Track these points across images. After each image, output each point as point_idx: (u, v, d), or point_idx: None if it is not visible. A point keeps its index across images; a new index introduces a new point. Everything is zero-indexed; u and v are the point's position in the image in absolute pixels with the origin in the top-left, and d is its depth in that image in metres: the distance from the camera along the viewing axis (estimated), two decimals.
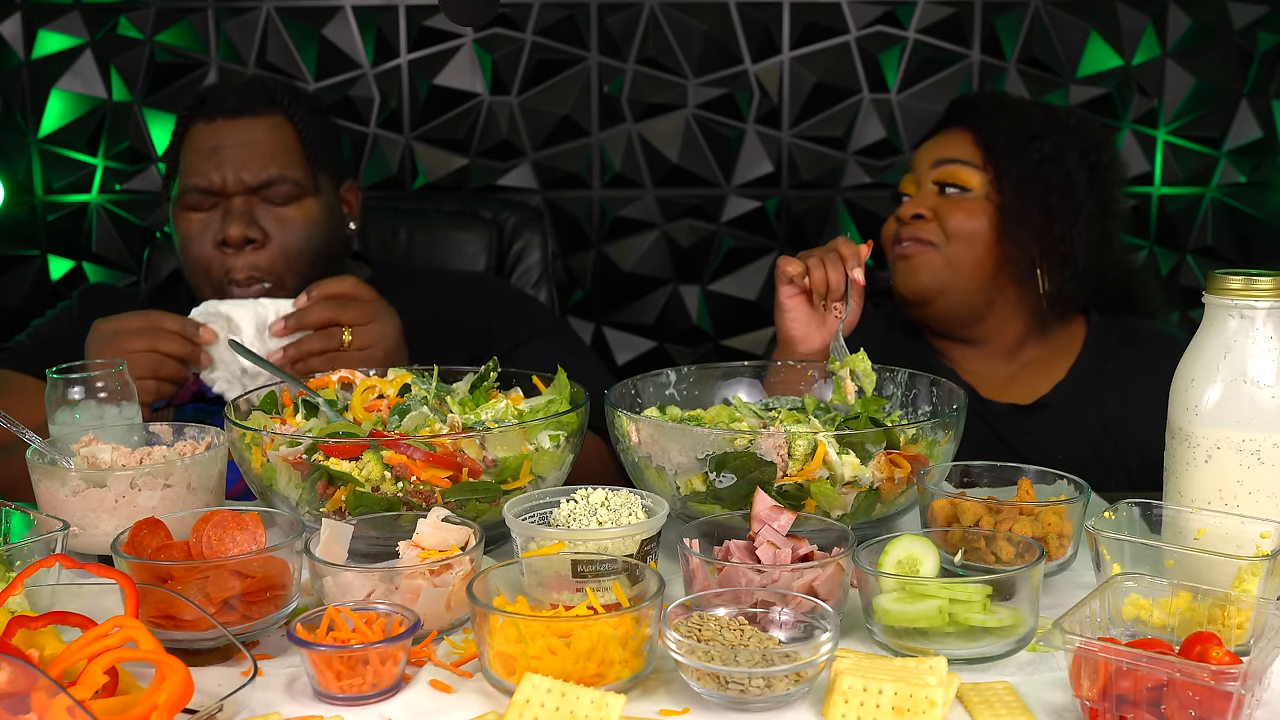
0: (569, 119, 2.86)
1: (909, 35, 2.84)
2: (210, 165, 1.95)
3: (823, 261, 1.67)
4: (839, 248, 1.69)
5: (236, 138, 1.96)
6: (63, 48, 2.80)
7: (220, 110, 1.98)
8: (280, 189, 1.96)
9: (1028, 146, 1.93)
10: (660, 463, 1.39)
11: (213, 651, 1.15)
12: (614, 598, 1.15)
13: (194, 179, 1.96)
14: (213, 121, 1.98)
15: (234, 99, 2.00)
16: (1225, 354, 1.22)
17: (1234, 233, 2.91)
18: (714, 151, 2.88)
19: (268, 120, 1.99)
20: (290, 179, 1.97)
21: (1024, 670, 1.13)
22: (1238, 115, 2.86)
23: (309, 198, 2.00)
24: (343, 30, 2.81)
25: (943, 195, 1.94)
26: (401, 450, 1.33)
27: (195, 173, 1.96)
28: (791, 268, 1.67)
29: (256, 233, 1.94)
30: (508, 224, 2.46)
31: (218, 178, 1.94)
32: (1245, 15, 2.82)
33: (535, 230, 2.47)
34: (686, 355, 2.97)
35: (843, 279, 1.67)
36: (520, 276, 2.44)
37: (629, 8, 2.82)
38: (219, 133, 1.97)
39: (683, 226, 2.92)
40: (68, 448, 1.42)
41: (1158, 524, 1.27)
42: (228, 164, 1.95)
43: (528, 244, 2.45)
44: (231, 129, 1.97)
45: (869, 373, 1.56)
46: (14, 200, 2.85)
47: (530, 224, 2.47)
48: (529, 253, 2.45)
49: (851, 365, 1.57)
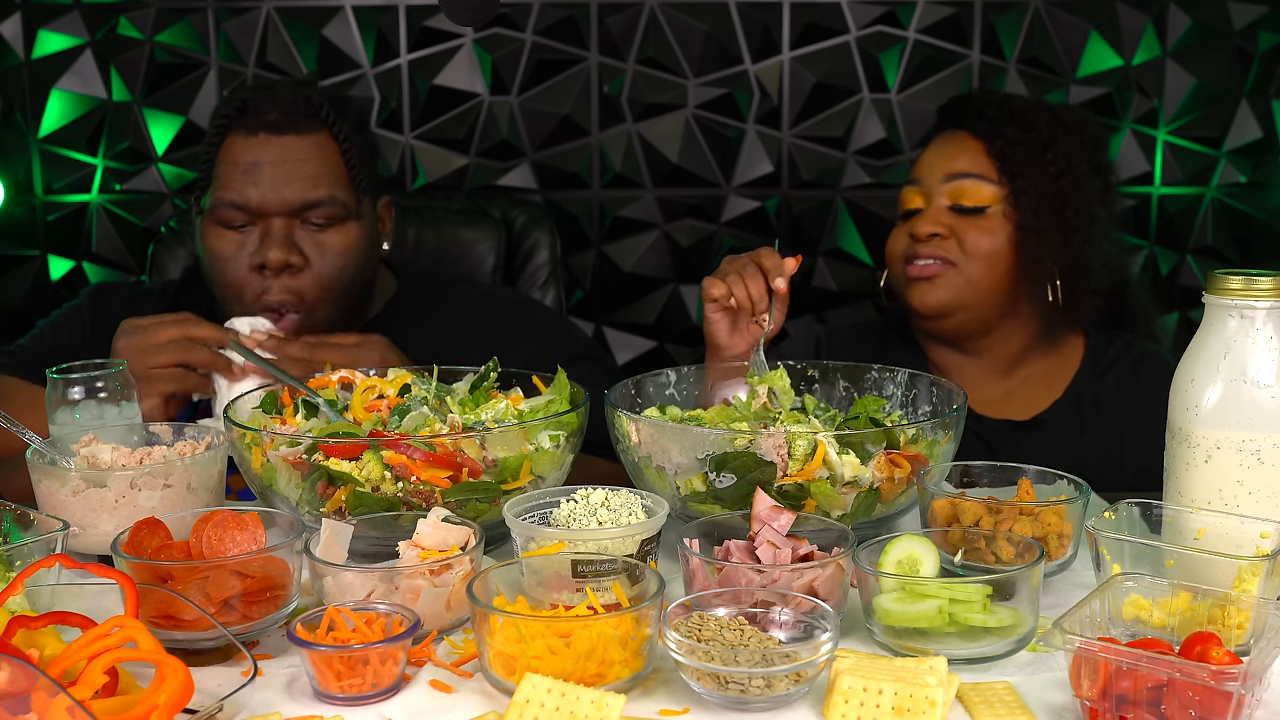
0: (569, 119, 2.86)
1: (909, 35, 2.84)
2: (248, 182, 1.85)
3: (743, 278, 1.64)
4: (761, 259, 1.65)
5: (279, 155, 1.86)
6: (63, 48, 2.80)
7: (262, 124, 1.87)
8: (323, 211, 1.87)
9: (1041, 159, 1.89)
10: (660, 463, 1.39)
11: (213, 651, 1.15)
12: (614, 598, 1.15)
13: (230, 194, 1.86)
14: (254, 136, 1.87)
15: (277, 112, 1.88)
16: (1225, 354, 1.22)
17: (1234, 233, 2.91)
18: (714, 151, 2.88)
19: (313, 139, 1.88)
20: (335, 201, 1.88)
21: (1024, 670, 1.13)
22: (1238, 115, 2.86)
23: (351, 221, 1.91)
24: (343, 30, 2.81)
25: (957, 211, 1.90)
26: (401, 450, 1.33)
27: (232, 188, 1.86)
28: (716, 290, 1.64)
29: (297, 258, 1.85)
30: (516, 223, 2.45)
31: (256, 196, 1.85)
32: (1245, 15, 2.82)
33: (544, 229, 2.45)
34: (686, 355, 2.97)
35: (764, 292, 1.64)
36: (529, 276, 2.43)
37: (629, 8, 2.82)
38: (260, 148, 1.86)
39: (683, 226, 2.92)
40: (68, 448, 1.42)
41: (1158, 524, 1.27)
42: (268, 182, 1.85)
43: (536, 243, 2.44)
44: (274, 145, 1.86)
45: (786, 390, 1.55)
46: (14, 200, 2.85)
47: (539, 223, 2.46)
48: (538, 252, 2.44)
49: (769, 382, 1.56)
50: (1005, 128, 1.90)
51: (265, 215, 1.86)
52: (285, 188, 1.85)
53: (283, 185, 1.85)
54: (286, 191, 1.85)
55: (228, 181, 1.87)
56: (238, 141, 1.88)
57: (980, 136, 1.91)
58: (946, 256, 1.89)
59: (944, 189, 1.90)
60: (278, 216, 1.86)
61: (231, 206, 1.86)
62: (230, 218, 1.87)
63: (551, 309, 2.34)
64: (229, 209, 1.87)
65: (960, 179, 1.89)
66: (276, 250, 1.84)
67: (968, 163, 1.90)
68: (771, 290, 1.64)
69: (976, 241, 1.88)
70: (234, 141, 1.88)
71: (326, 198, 1.87)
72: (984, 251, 1.88)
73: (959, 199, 1.89)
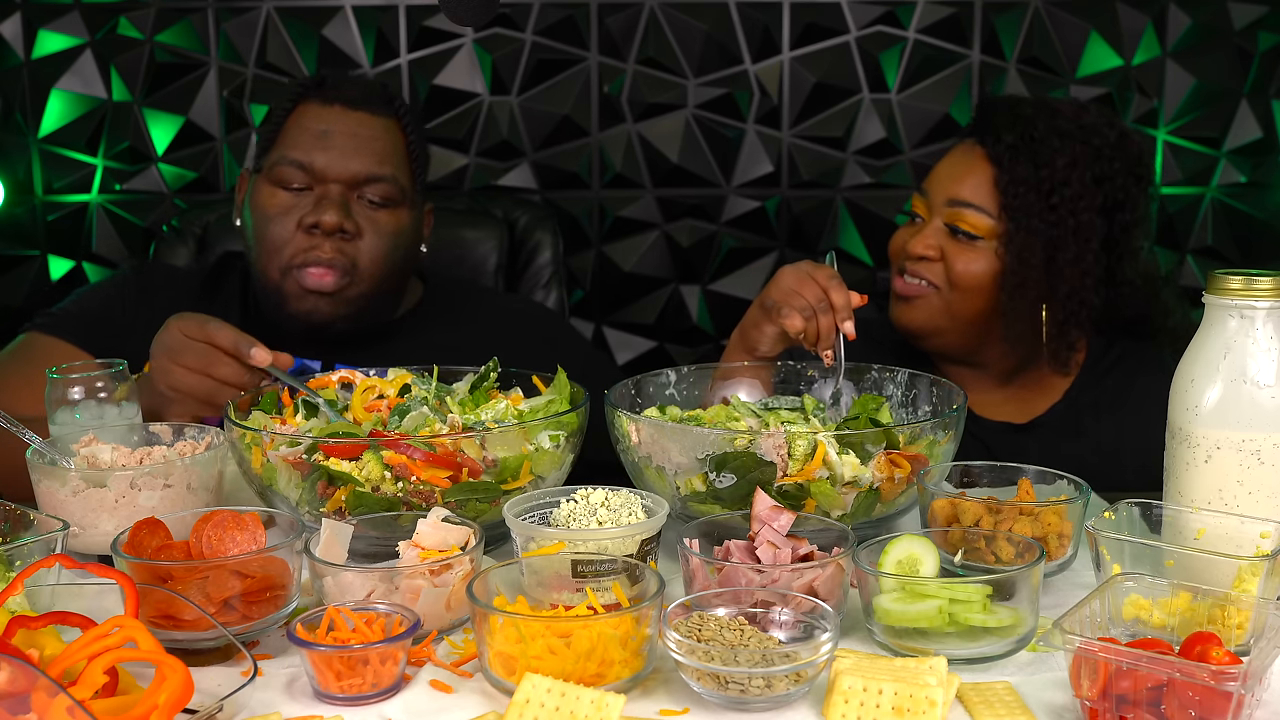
0: (569, 119, 2.86)
1: (909, 35, 2.84)
2: (317, 146, 1.88)
3: (817, 315, 1.61)
4: (832, 296, 1.62)
5: (351, 127, 1.90)
6: (63, 48, 2.80)
7: (339, 97, 1.92)
8: (381, 188, 1.90)
9: (1049, 199, 1.84)
10: (660, 463, 1.39)
11: (213, 651, 1.15)
12: (614, 598, 1.15)
13: (297, 154, 1.88)
14: (330, 106, 1.91)
15: (354, 90, 1.94)
16: (1225, 354, 1.22)
17: (1234, 233, 2.91)
18: (714, 151, 2.88)
19: (384, 121, 1.93)
20: (395, 182, 1.91)
21: (1024, 670, 1.13)
22: (1238, 115, 2.86)
23: (404, 207, 1.94)
24: (343, 30, 2.81)
25: (953, 236, 1.88)
26: (401, 450, 1.33)
27: (299, 149, 1.88)
28: (795, 325, 1.60)
29: (351, 225, 1.87)
30: (519, 223, 2.45)
31: (322, 161, 1.88)
32: (1245, 15, 2.82)
33: (546, 229, 2.45)
34: (686, 355, 2.97)
35: (832, 329, 1.62)
36: (531, 276, 2.42)
37: (629, 8, 2.82)
38: (334, 117, 1.90)
39: (683, 226, 2.92)
40: (68, 448, 1.42)
41: (1158, 524, 1.27)
42: (336, 149, 1.88)
43: (539, 243, 2.44)
44: (348, 118, 1.91)
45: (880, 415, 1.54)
46: (14, 200, 2.85)
47: (541, 223, 2.46)
48: (540, 252, 2.43)
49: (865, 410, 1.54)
50: (1018, 162, 1.85)
51: (325, 181, 1.88)
52: (352, 158, 1.88)
53: (350, 156, 1.88)
54: (353, 162, 1.88)
55: (296, 143, 1.90)
56: (311, 109, 1.92)
57: (993, 162, 1.87)
58: (931, 279, 1.88)
59: (945, 210, 1.89)
60: (337, 184, 1.88)
61: (295, 165, 1.88)
62: (290, 176, 1.89)
63: (582, 337, 2.32)
64: (291, 167, 1.89)
65: (961, 206, 1.87)
66: (333, 213, 1.86)
67: (971, 191, 1.87)
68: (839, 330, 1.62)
69: (965, 269, 1.86)
70: (307, 108, 1.93)
71: (389, 175, 1.91)
72: (968, 282, 1.86)
73: (956, 222, 1.87)
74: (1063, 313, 1.87)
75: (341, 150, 1.88)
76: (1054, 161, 1.85)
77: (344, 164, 1.88)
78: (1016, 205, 1.84)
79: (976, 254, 1.87)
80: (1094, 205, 1.86)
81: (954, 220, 1.88)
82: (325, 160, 1.88)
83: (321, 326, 1.91)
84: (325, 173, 1.88)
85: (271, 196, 1.90)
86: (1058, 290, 1.86)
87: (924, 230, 1.91)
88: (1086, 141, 1.87)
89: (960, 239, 1.87)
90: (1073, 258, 1.85)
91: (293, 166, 1.88)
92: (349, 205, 1.89)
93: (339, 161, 1.88)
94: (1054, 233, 1.84)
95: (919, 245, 1.89)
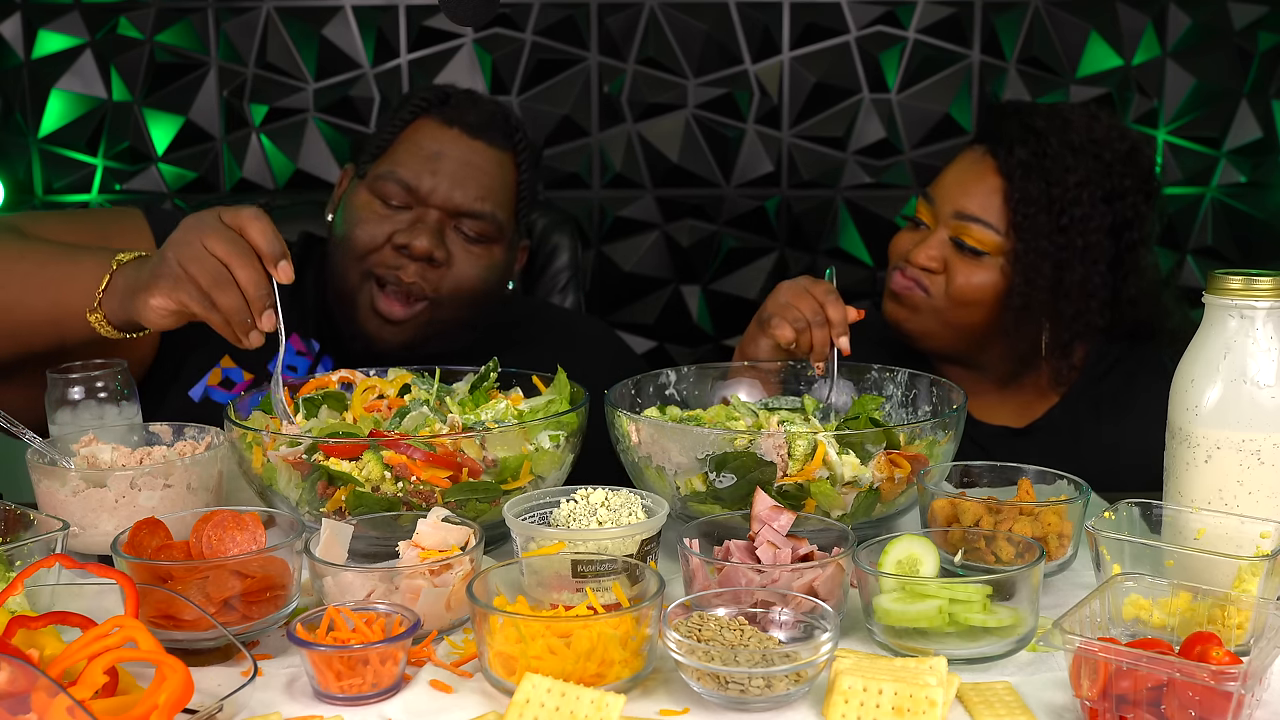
0: (569, 119, 2.86)
1: (909, 35, 2.84)
2: (426, 169, 1.82)
3: (811, 329, 1.61)
4: (829, 310, 1.61)
5: (464, 154, 1.84)
6: (63, 48, 2.80)
7: (460, 120, 1.86)
8: (479, 225, 1.84)
9: (1060, 219, 1.82)
10: (660, 463, 1.39)
11: (213, 651, 1.15)
12: (614, 598, 1.15)
13: (403, 171, 1.83)
14: (448, 128, 1.85)
15: (477, 116, 1.87)
16: (1225, 354, 1.22)
17: (1234, 233, 2.91)
18: (714, 151, 2.88)
19: (499, 155, 1.87)
20: (495, 220, 1.85)
21: (1024, 670, 1.13)
22: (1238, 115, 2.87)
23: (499, 244, 1.88)
24: (343, 30, 2.81)
25: (958, 250, 1.85)
26: (401, 450, 1.33)
27: (407, 167, 1.83)
28: (785, 335, 1.60)
29: (442, 253, 1.81)
30: (537, 225, 2.43)
31: (429, 184, 1.82)
32: (1245, 15, 2.82)
33: (564, 233, 2.42)
34: (686, 355, 2.97)
35: (826, 343, 1.61)
36: (549, 279, 2.40)
37: (629, 8, 2.82)
38: (451, 142, 1.84)
39: (683, 226, 2.92)
40: (68, 448, 1.42)
41: (1158, 524, 1.26)
42: (445, 175, 1.82)
43: (556, 246, 2.40)
44: (464, 145, 1.84)
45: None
46: (14, 200, 2.85)
47: (560, 226, 2.41)
48: (558, 255, 2.40)
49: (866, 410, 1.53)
50: (1030, 179, 1.82)
51: (426, 204, 1.83)
52: (458, 188, 1.83)
53: (457, 184, 1.83)
54: (458, 192, 1.83)
55: (405, 160, 1.84)
56: (428, 126, 1.86)
57: (1003, 174, 1.84)
58: (928, 286, 1.86)
59: (951, 222, 1.86)
60: (437, 210, 1.83)
61: (399, 183, 1.83)
62: (391, 192, 1.84)
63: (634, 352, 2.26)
64: (394, 184, 1.83)
65: (967, 220, 1.85)
66: (427, 239, 1.80)
67: (979, 205, 1.84)
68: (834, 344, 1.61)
69: (966, 282, 1.84)
70: (424, 125, 1.87)
71: (489, 213, 1.85)
72: (969, 296, 1.84)
73: (961, 235, 1.85)
74: (1067, 333, 1.86)
75: (450, 177, 1.83)
76: (1066, 180, 1.82)
77: (448, 192, 1.82)
78: (1026, 224, 1.81)
79: (979, 269, 1.85)
80: (1103, 226, 1.84)
81: (960, 234, 1.85)
82: (431, 184, 1.82)
83: (383, 354, 1.84)
84: (429, 197, 1.82)
85: (369, 206, 1.85)
86: (1063, 311, 1.84)
87: (928, 241, 1.88)
88: (1098, 156, 1.85)
89: (965, 253, 1.85)
90: (1079, 279, 1.84)
91: (397, 184, 1.83)
92: (444, 233, 1.84)
93: (444, 188, 1.82)
94: (1062, 255, 1.82)
95: (921, 256, 1.87)
